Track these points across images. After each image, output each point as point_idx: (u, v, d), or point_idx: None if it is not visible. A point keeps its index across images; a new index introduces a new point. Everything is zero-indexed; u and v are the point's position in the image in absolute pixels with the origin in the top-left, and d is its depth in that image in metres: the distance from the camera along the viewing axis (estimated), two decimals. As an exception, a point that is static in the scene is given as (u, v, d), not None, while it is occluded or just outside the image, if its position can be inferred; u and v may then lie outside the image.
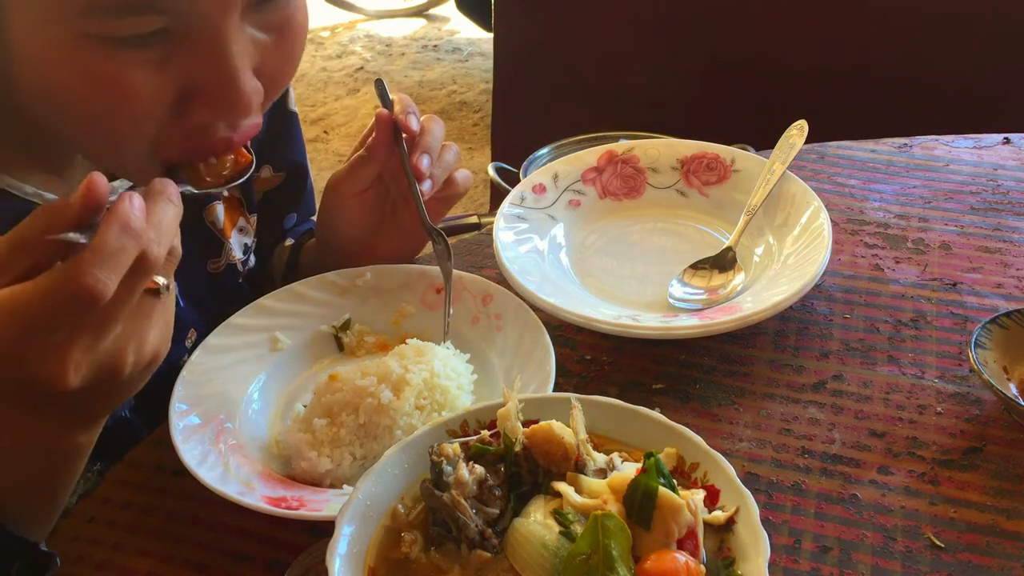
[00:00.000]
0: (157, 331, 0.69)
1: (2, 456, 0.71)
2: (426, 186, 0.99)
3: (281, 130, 1.12)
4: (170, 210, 0.66)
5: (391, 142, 1.00)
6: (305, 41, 0.81)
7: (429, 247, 1.10)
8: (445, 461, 0.64)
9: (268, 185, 1.14)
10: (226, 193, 1.10)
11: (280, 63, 0.79)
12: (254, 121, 0.81)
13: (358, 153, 1.03)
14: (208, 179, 0.83)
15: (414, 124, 1.00)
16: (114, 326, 0.65)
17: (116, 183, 0.90)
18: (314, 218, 1.26)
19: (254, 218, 1.12)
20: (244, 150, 0.84)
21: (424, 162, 0.99)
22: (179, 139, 0.78)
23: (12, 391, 0.65)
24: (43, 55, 0.71)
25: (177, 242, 0.68)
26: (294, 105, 1.15)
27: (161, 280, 0.67)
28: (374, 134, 1.01)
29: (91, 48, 0.69)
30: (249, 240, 1.11)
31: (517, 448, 0.66)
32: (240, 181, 0.84)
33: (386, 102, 1.02)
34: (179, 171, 0.81)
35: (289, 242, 1.19)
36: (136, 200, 0.63)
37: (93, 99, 0.72)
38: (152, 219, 0.64)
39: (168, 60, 0.72)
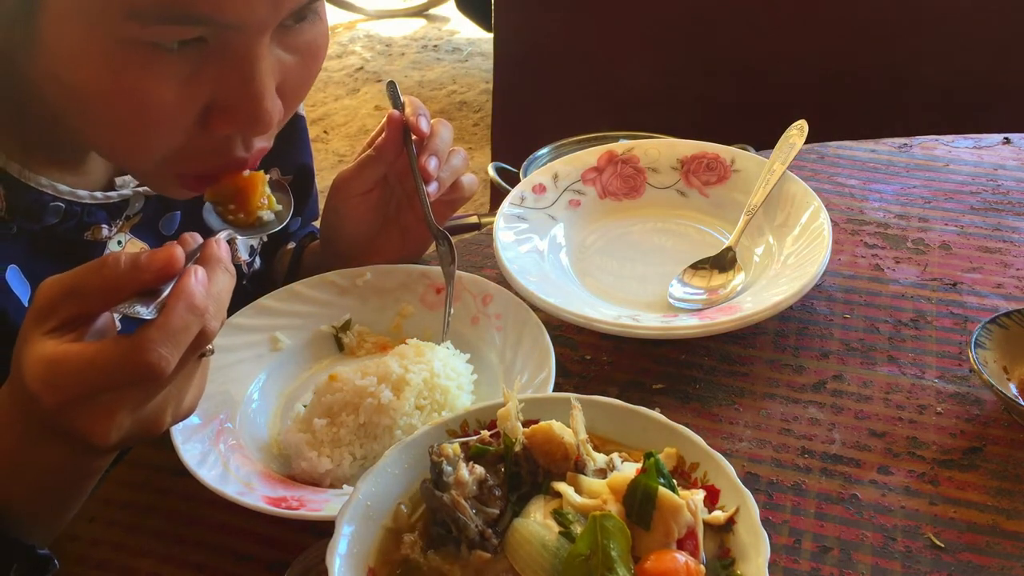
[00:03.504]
0: (196, 388, 0.73)
1: (17, 469, 0.73)
2: (432, 188, 1.00)
3: (290, 132, 1.13)
4: (226, 280, 0.70)
5: (400, 143, 1.01)
6: (322, 63, 0.83)
7: (430, 249, 1.10)
8: (445, 461, 0.64)
9: None
10: (265, 239, 1.12)
11: (298, 83, 0.80)
12: (266, 144, 0.83)
13: (366, 153, 1.03)
14: (243, 217, 0.85)
15: (424, 126, 1.01)
16: (162, 391, 0.68)
17: (127, 177, 0.91)
18: (315, 222, 1.26)
19: None
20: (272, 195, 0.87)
21: (432, 164, 1.00)
22: (197, 154, 0.78)
23: (44, 424, 0.68)
24: (76, 54, 0.71)
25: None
26: (302, 108, 1.16)
27: (208, 345, 0.70)
28: (383, 134, 1.02)
29: (126, 53, 0.70)
30: (255, 242, 1.11)
31: (517, 448, 0.66)
32: (281, 227, 0.87)
33: (397, 103, 1.03)
34: (214, 209, 0.84)
35: (291, 245, 1.19)
36: (200, 275, 0.67)
37: (120, 104, 0.72)
38: (211, 290, 0.67)
39: (198, 73, 0.72)
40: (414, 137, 1.01)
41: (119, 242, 0.91)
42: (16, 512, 0.74)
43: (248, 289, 1.11)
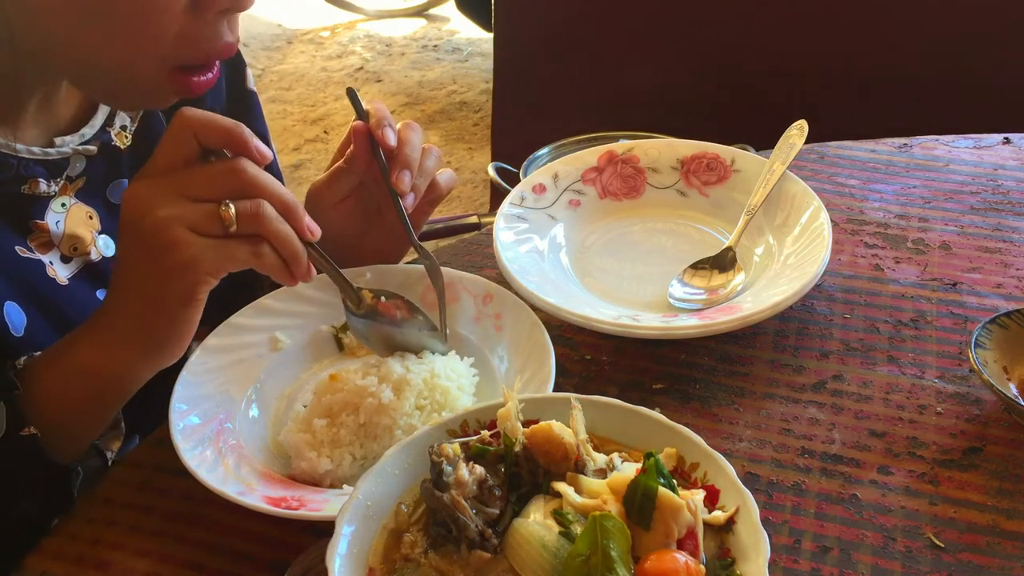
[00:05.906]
0: (214, 246, 0.79)
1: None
2: (409, 200, 0.98)
3: (240, 108, 1.12)
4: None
5: (369, 154, 0.98)
6: None
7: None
8: (445, 461, 0.64)
9: None
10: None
11: None
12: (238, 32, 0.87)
13: (337, 164, 1.01)
14: None
15: (391, 139, 0.97)
16: (196, 190, 0.79)
17: (68, 137, 0.92)
18: None
19: None
20: None
21: (405, 179, 0.97)
22: (193, 43, 0.81)
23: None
24: None
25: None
26: (252, 84, 1.15)
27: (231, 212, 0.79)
28: (352, 146, 0.99)
29: None
30: None
31: (517, 448, 0.66)
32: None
33: (360, 112, 1.00)
34: None
35: None
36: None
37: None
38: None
39: None
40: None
41: (63, 204, 0.92)
42: (63, 427, 0.82)
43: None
